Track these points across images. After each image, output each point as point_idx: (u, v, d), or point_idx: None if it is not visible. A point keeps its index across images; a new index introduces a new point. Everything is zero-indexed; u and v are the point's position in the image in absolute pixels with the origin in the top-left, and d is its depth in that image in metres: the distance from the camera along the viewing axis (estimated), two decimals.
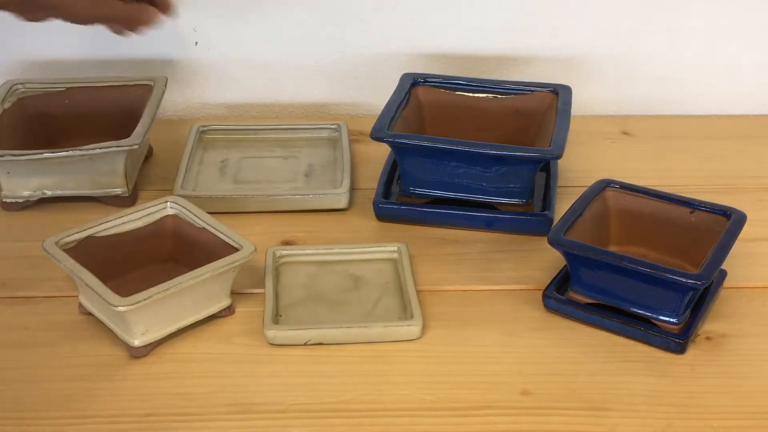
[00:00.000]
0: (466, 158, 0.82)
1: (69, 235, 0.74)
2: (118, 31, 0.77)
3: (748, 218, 0.75)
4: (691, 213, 0.76)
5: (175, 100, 1.06)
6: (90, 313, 0.73)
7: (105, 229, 0.76)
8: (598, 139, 1.00)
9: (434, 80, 0.92)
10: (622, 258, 0.70)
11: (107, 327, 0.72)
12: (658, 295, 0.70)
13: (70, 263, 0.71)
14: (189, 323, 0.72)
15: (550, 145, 0.81)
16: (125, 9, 0.75)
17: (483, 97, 0.91)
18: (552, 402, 0.66)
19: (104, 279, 0.69)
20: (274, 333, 0.71)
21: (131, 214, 0.77)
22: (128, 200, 0.87)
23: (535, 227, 0.83)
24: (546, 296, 0.75)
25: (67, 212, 0.86)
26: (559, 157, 0.80)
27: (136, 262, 0.77)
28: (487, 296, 0.77)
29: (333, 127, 0.97)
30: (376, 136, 0.82)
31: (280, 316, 0.73)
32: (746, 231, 0.74)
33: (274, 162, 0.93)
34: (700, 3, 1.02)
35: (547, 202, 0.85)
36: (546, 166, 0.90)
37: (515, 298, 0.76)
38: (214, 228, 0.75)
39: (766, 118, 1.06)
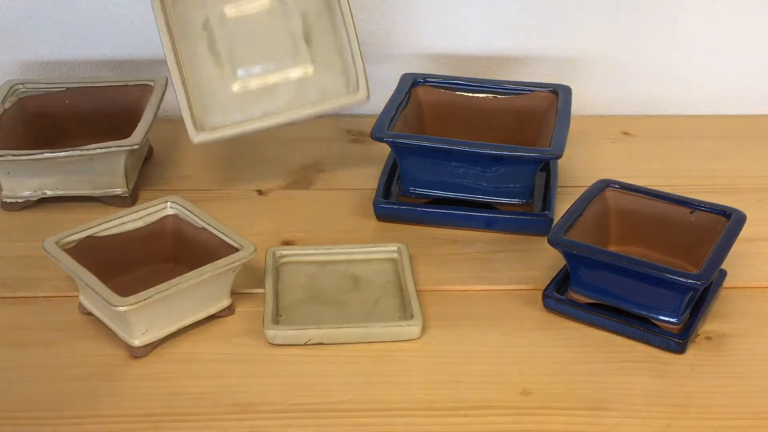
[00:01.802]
0: (466, 158, 0.82)
1: (69, 235, 0.74)
2: None
3: (748, 218, 0.75)
4: (691, 213, 0.76)
5: (175, 100, 1.06)
6: (90, 313, 0.73)
7: (105, 229, 0.76)
8: (598, 139, 1.00)
9: (434, 80, 0.92)
10: (622, 258, 0.70)
11: (107, 327, 0.72)
12: (658, 295, 0.70)
13: (70, 263, 0.71)
14: (189, 323, 0.72)
15: (550, 145, 0.81)
16: None
17: (483, 97, 0.91)
18: (552, 402, 0.66)
19: (104, 279, 0.69)
20: (274, 333, 0.71)
21: (131, 214, 0.77)
22: (128, 200, 0.87)
23: (535, 227, 0.83)
24: (546, 296, 0.75)
25: (67, 212, 0.86)
26: (559, 157, 0.80)
27: (136, 262, 0.77)
28: (487, 296, 0.77)
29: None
30: (376, 136, 0.82)
31: (280, 316, 0.73)
32: (746, 231, 0.74)
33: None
34: (700, 3, 1.02)
35: (547, 202, 0.85)
36: (546, 166, 0.90)
37: (515, 298, 0.76)
38: (214, 228, 0.75)
39: (766, 118, 1.06)
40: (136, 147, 0.84)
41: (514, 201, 0.84)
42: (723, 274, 0.77)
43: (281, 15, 0.88)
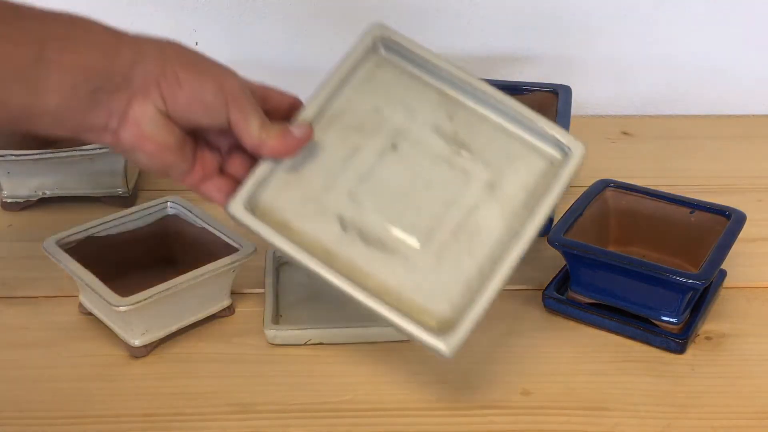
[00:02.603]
0: None
1: (69, 235, 0.74)
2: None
3: (747, 218, 0.75)
4: (691, 213, 0.76)
5: None
6: (90, 313, 0.73)
7: (105, 229, 0.76)
8: (598, 139, 1.00)
9: None
10: (622, 258, 0.70)
11: (107, 327, 0.71)
12: (658, 295, 0.70)
13: (70, 263, 0.71)
14: (189, 323, 0.72)
15: None
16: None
17: None
18: (552, 402, 0.66)
19: (104, 279, 0.69)
20: (274, 333, 0.71)
21: (131, 214, 0.77)
22: (128, 200, 0.87)
23: None
24: (546, 296, 0.75)
25: (67, 212, 0.86)
26: None
27: (136, 262, 0.77)
28: None
29: None
30: None
31: (280, 316, 0.73)
32: (746, 231, 0.74)
33: None
34: (701, 3, 1.02)
35: None
36: None
37: (515, 298, 0.76)
38: (214, 228, 0.75)
39: (766, 118, 1.06)
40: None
41: None
42: (723, 274, 0.77)
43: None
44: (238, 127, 0.61)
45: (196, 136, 0.63)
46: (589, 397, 0.67)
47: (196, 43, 1.03)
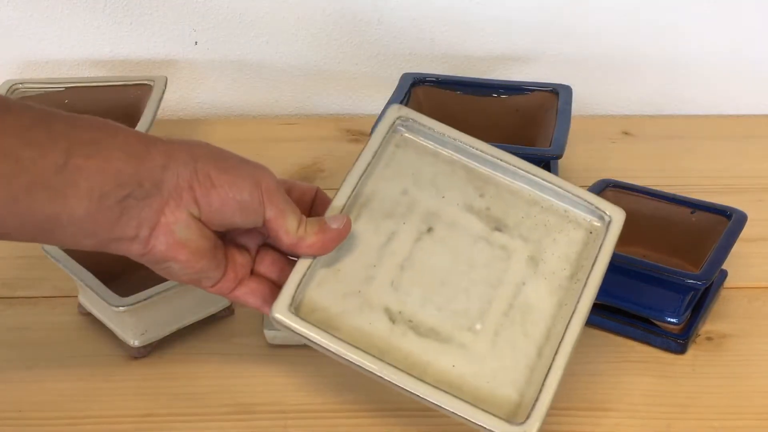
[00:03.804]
0: None
1: None
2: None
3: (748, 218, 0.75)
4: (691, 213, 0.76)
5: (175, 100, 1.06)
6: (90, 313, 0.73)
7: None
8: (598, 139, 1.00)
9: (434, 80, 0.92)
10: (623, 258, 0.70)
11: (107, 327, 0.71)
12: (659, 296, 0.70)
13: (70, 263, 0.71)
14: (189, 323, 0.72)
15: (550, 145, 0.81)
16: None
17: (483, 97, 0.91)
18: (552, 402, 0.66)
19: (104, 279, 0.69)
20: (274, 333, 0.71)
21: None
22: None
23: None
24: None
25: None
26: (559, 157, 0.80)
27: (136, 263, 0.76)
28: None
29: None
30: None
31: None
32: (747, 231, 0.74)
33: None
34: (701, 3, 1.02)
35: None
36: (546, 166, 0.90)
37: None
38: None
39: (766, 118, 1.06)
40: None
41: None
42: (724, 274, 0.77)
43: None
44: (276, 225, 0.58)
45: (224, 238, 0.60)
46: (589, 397, 0.66)
47: (196, 43, 1.03)
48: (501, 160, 0.66)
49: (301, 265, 0.59)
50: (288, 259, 0.62)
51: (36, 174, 0.51)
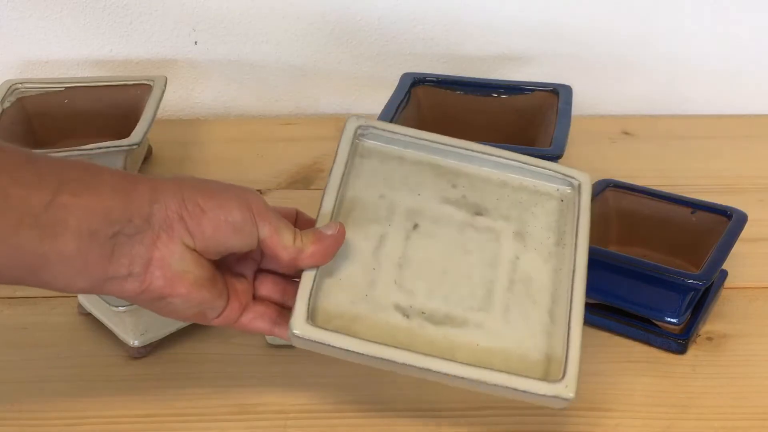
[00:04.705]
0: None
1: None
2: None
3: (748, 218, 0.75)
4: (692, 213, 0.76)
5: (175, 100, 1.06)
6: (90, 313, 0.73)
7: None
8: (598, 139, 1.00)
9: (434, 80, 0.92)
10: (623, 258, 0.70)
11: (107, 327, 0.71)
12: (659, 296, 0.70)
13: None
14: (188, 324, 0.72)
15: (550, 145, 0.81)
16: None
17: (483, 97, 0.91)
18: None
19: None
20: None
21: None
22: None
23: None
24: None
25: None
26: (559, 157, 0.80)
27: None
28: None
29: None
30: None
31: None
32: (747, 231, 0.74)
33: None
34: (701, 3, 1.02)
35: None
36: None
37: None
38: None
39: (766, 118, 1.06)
40: (135, 147, 0.84)
41: None
42: (724, 274, 0.77)
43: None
44: (272, 241, 0.58)
45: (221, 269, 0.59)
46: (589, 397, 0.66)
47: (196, 43, 1.03)
48: (464, 149, 0.68)
49: (306, 278, 0.59)
50: (288, 279, 0.62)
51: (23, 212, 0.51)
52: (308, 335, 0.57)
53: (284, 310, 0.60)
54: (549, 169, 0.69)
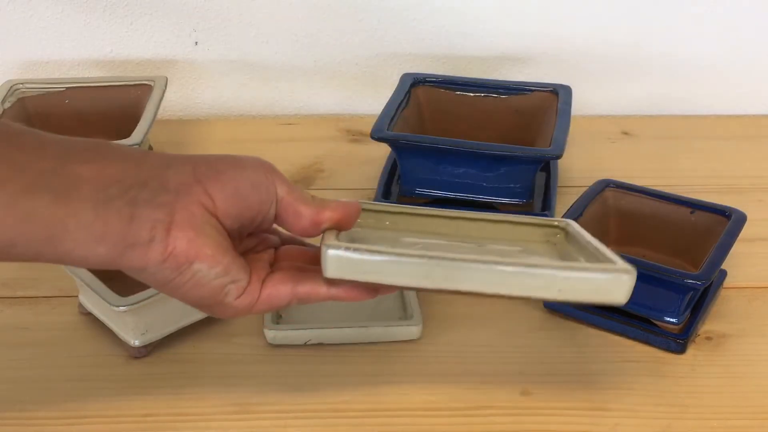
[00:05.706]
0: (466, 158, 0.82)
1: None
2: None
3: (748, 218, 0.75)
4: (691, 213, 0.76)
5: (175, 100, 1.06)
6: (90, 313, 0.73)
7: None
8: (598, 139, 1.00)
9: (434, 80, 0.92)
10: (622, 258, 0.70)
11: (107, 327, 0.71)
12: (658, 295, 0.70)
13: None
14: (189, 323, 0.72)
15: (550, 145, 0.81)
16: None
17: (483, 97, 0.91)
18: (552, 402, 0.66)
19: (104, 279, 0.69)
20: (274, 333, 0.71)
21: None
22: None
23: None
24: None
25: None
26: (559, 157, 0.80)
27: None
28: None
29: None
30: (377, 136, 0.82)
31: (280, 316, 0.73)
32: (746, 231, 0.74)
33: None
34: (701, 3, 1.02)
35: (547, 202, 0.85)
36: (546, 166, 0.90)
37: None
38: None
39: (766, 118, 1.06)
40: (135, 147, 0.84)
41: (515, 201, 0.84)
42: (723, 274, 0.77)
43: None
44: (292, 198, 0.56)
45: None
46: (589, 397, 0.67)
47: (196, 43, 1.03)
48: (452, 216, 0.66)
49: (329, 233, 0.57)
50: (307, 247, 0.61)
51: (33, 176, 0.50)
52: (344, 254, 0.53)
53: (302, 271, 0.58)
54: (531, 224, 0.67)
